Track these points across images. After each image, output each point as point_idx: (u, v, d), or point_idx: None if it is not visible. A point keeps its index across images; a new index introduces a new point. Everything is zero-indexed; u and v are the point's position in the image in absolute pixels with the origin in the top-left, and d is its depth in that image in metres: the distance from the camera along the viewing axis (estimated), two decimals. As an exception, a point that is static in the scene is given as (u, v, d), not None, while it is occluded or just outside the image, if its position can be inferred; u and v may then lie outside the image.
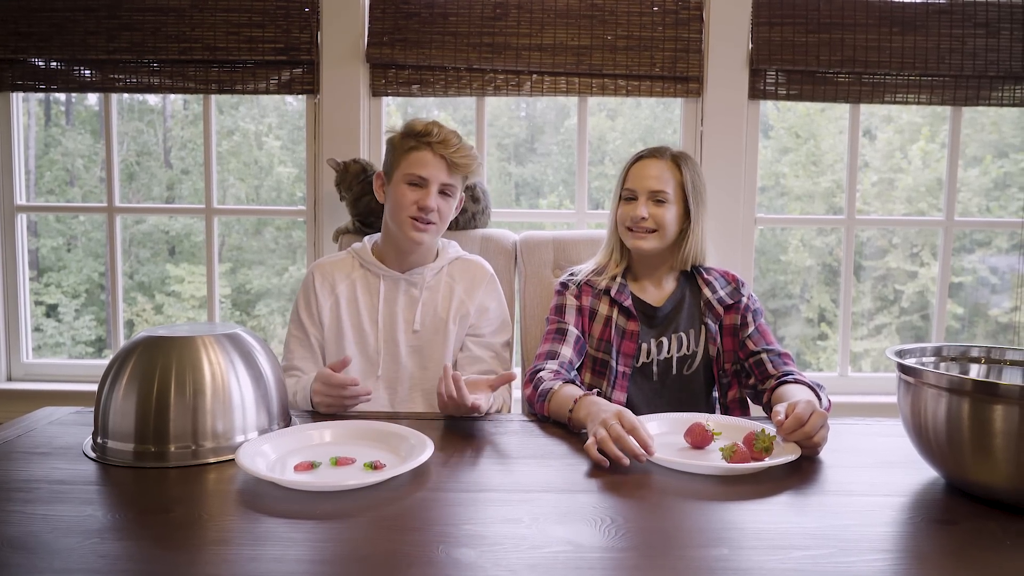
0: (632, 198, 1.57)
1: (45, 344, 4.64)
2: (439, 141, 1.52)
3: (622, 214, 1.58)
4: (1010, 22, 2.28)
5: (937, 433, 0.99)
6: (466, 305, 1.63)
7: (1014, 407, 0.90)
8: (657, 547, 0.84)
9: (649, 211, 1.54)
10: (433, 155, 1.53)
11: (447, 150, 1.52)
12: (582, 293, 1.61)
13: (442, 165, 1.53)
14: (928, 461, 1.05)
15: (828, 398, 1.41)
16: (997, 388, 0.93)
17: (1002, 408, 0.91)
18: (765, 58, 2.30)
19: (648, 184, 1.55)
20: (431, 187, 1.53)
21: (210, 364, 1.14)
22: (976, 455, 0.95)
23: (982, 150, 4.54)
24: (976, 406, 0.94)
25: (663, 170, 1.56)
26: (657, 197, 1.54)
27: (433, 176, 1.53)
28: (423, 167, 1.53)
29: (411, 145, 1.54)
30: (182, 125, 5.07)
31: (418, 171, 1.53)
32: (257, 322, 4.93)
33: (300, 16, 2.31)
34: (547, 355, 1.53)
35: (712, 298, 1.59)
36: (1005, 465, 0.93)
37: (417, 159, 1.53)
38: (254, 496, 0.97)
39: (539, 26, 2.30)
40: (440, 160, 1.53)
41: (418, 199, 1.53)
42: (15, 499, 0.95)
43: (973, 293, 4.68)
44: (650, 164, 1.57)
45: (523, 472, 1.09)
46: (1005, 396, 0.91)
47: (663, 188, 1.54)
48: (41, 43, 2.32)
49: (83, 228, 4.93)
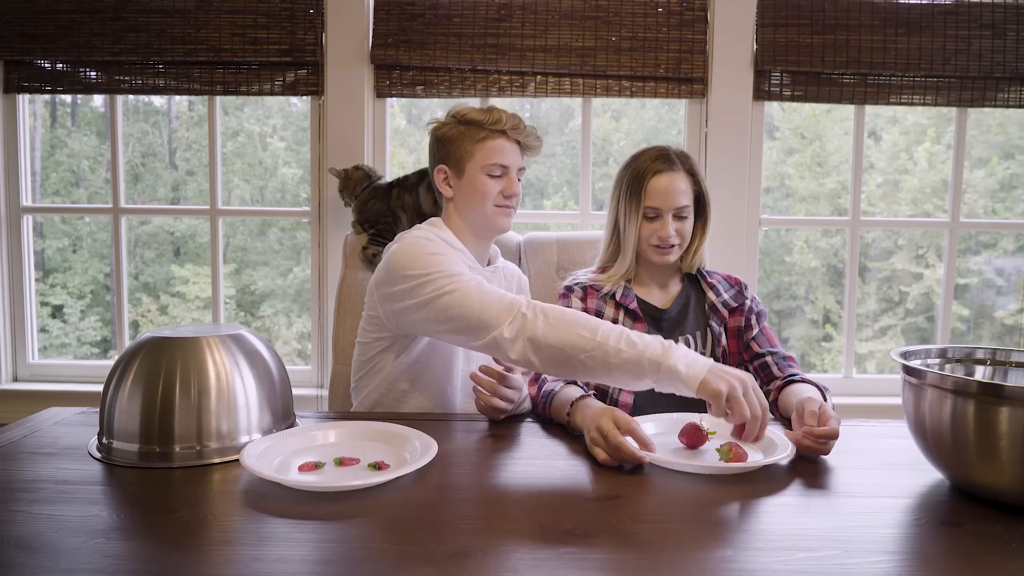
0: (656, 216, 1.55)
1: (51, 345, 4.65)
2: (512, 127, 1.53)
3: (647, 232, 1.54)
4: (1016, 23, 2.27)
5: (942, 435, 0.98)
6: None
7: (1019, 409, 0.90)
8: (661, 548, 0.83)
9: (676, 228, 1.54)
10: (508, 141, 1.53)
11: (520, 135, 1.53)
12: (587, 296, 1.61)
13: (516, 150, 1.55)
14: (933, 463, 1.05)
15: (831, 400, 1.41)
16: (1002, 390, 0.93)
17: (1007, 410, 0.91)
18: (770, 59, 2.29)
19: (674, 202, 1.53)
20: (512, 173, 1.54)
21: (215, 365, 1.14)
22: (981, 457, 0.95)
23: (988, 151, 4.52)
24: (981, 408, 0.93)
25: (683, 183, 1.55)
26: (682, 213, 1.54)
27: (513, 163, 1.54)
28: (503, 155, 1.52)
29: (483, 135, 1.52)
30: (187, 126, 5.08)
31: (499, 160, 1.52)
32: (261, 323, 4.93)
33: (305, 18, 2.32)
34: None
35: (717, 301, 1.58)
36: (1011, 467, 0.92)
37: (494, 148, 1.52)
38: (258, 496, 0.98)
39: (543, 27, 2.30)
40: (515, 145, 1.54)
41: (503, 187, 1.53)
42: (21, 499, 0.95)
43: (979, 295, 4.66)
44: (673, 179, 1.53)
45: (526, 473, 1.09)
46: (1010, 398, 0.91)
47: (686, 202, 1.54)
48: (47, 45, 2.33)
49: (88, 229, 4.94)
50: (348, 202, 2.18)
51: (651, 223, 1.55)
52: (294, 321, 4.90)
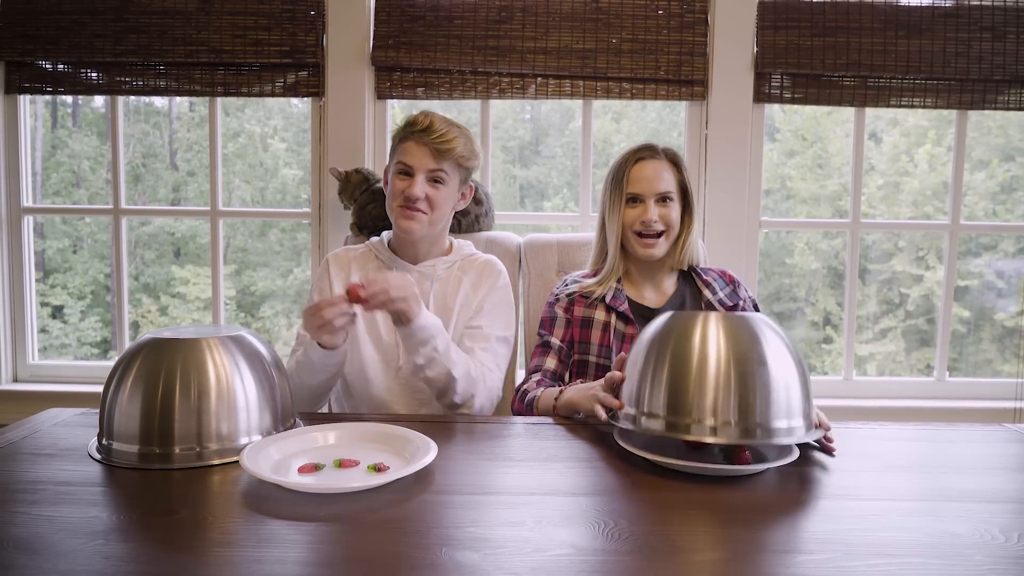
0: (638, 201, 1.56)
1: (51, 345, 4.65)
2: (422, 129, 1.53)
3: (629, 218, 1.56)
4: (1016, 26, 2.27)
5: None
6: (471, 298, 1.62)
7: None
8: (660, 551, 0.83)
9: (659, 212, 1.54)
10: (417, 144, 1.54)
11: (428, 136, 1.53)
12: (573, 305, 1.61)
13: (427, 152, 1.54)
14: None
15: None
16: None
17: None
18: (770, 61, 2.29)
19: (655, 186, 1.54)
20: (417, 175, 1.55)
21: (215, 366, 1.14)
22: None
23: (988, 153, 4.52)
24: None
25: (664, 169, 1.56)
26: (666, 198, 1.55)
27: (418, 164, 1.54)
28: (408, 156, 1.55)
29: (400, 137, 1.58)
30: (188, 127, 5.09)
31: (404, 159, 1.56)
32: (262, 324, 4.94)
33: (306, 19, 2.32)
34: (532, 370, 1.60)
35: (713, 299, 1.59)
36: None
37: (404, 149, 1.56)
38: (258, 498, 0.98)
39: (544, 29, 2.31)
40: (424, 147, 1.54)
41: (405, 188, 1.55)
42: (20, 500, 0.95)
43: (979, 297, 4.66)
44: (651, 165, 1.56)
45: (527, 475, 1.09)
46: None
47: (669, 188, 1.55)
48: (48, 46, 2.34)
49: (89, 230, 4.95)
50: (347, 205, 2.18)
51: (633, 209, 1.57)
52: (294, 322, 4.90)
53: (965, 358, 4.66)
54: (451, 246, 1.71)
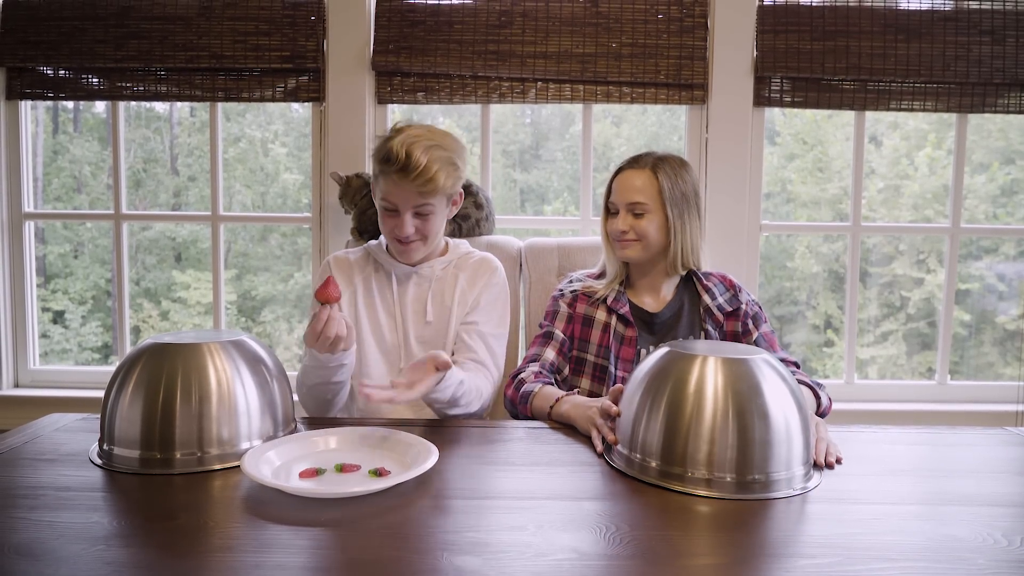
0: (615, 211, 1.59)
1: (52, 350, 4.65)
2: (399, 170, 1.46)
3: (610, 228, 1.61)
4: (1015, 29, 2.28)
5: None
6: (467, 295, 1.63)
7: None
8: (662, 555, 0.83)
9: (629, 223, 1.55)
10: (398, 183, 1.48)
11: (409, 177, 1.46)
12: (577, 301, 1.62)
13: (410, 191, 1.49)
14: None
15: (828, 396, 1.43)
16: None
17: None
18: (770, 65, 2.30)
19: (627, 196, 1.56)
20: (404, 215, 1.51)
21: (216, 371, 1.14)
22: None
23: (989, 156, 4.53)
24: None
25: (642, 180, 1.56)
26: (635, 210, 1.55)
27: (403, 203, 1.50)
28: (392, 194, 1.50)
29: (381, 169, 1.51)
30: (189, 132, 5.10)
31: (389, 198, 1.51)
32: (262, 328, 4.94)
33: (306, 24, 2.33)
34: (531, 358, 1.60)
35: (712, 304, 1.59)
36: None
37: (386, 185, 1.51)
38: (259, 503, 0.97)
39: (544, 34, 2.31)
40: (406, 187, 1.48)
41: (394, 227, 1.53)
42: (21, 505, 0.95)
43: (980, 300, 4.66)
44: (631, 176, 1.58)
45: (528, 479, 1.09)
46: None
47: (641, 200, 1.54)
48: (50, 52, 2.34)
49: (90, 235, 4.96)
50: (347, 209, 2.18)
51: (613, 219, 1.60)
52: (295, 327, 4.91)
53: (966, 361, 4.66)
54: (447, 246, 1.71)
